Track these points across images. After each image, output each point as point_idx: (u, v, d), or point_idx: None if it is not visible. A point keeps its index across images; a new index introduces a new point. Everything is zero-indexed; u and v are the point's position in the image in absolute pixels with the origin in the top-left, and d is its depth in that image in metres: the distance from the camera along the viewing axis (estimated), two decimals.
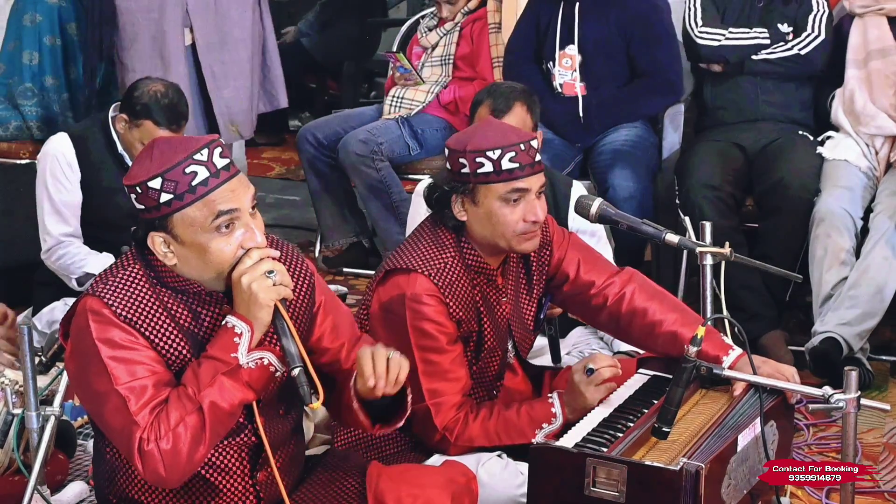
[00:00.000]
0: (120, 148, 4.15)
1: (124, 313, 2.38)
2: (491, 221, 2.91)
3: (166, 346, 2.42)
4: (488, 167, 2.87)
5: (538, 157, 2.92)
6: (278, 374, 2.44)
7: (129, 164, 4.11)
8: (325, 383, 2.44)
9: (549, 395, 2.99)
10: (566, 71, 4.76)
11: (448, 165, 2.94)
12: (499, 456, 2.98)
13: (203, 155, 2.36)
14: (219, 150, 2.38)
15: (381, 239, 5.21)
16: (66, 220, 4.16)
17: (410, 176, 5.11)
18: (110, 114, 4.17)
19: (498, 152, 2.86)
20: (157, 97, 3.97)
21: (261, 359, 2.40)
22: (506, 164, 2.86)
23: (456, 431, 2.94)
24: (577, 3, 4.71)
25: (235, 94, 5.12)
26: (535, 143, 2.91)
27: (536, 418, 2.94)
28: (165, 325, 2.42)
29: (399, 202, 4.97)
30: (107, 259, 4.12)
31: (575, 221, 3.70)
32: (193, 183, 2.35)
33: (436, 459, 2.94)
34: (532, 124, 3.72)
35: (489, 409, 2.98)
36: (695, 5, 4.74)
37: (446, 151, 2.95)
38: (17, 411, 3.02)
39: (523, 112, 3.69)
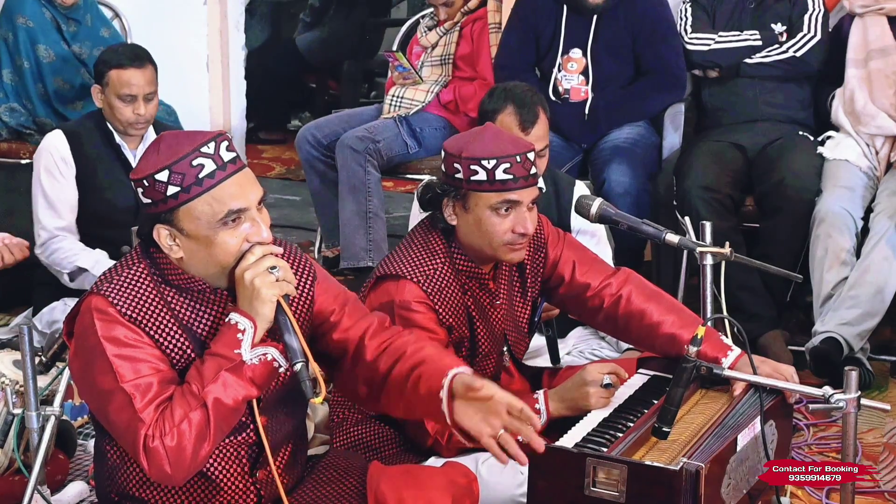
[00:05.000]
0: (117, 138, 4.17)
1: (129, 312, 2.39)
2: (479, 229, 2.91)
3: (170, 345, 2.42)
4: (481, 175, 2.85)
5: (533, 170, 2.90)
6: (282, 369, 2.44)
7: (127, 152, 4.18)
8: (329, 366, 2.48)
9: (535, 392, 2.99)
10: (571, 75, 4.75)
11: (443, 167, 2.94)
12: None
13: (210, 148, 2.37)
14: (225, 143, 2.40)
15: (343, 249, 4.98)
16: (60, 215, 4.17)
17: (410, 176, 5.09)
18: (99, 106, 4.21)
19: (493, 162, 2.84)
20: (111, 49, 4.26)
21: (264, 355, 2.40)
22: (499, 175, 2.85)
23: (446, 434, 2.93)
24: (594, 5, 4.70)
25: None
26: (531, 156, 2.89)
27: None
28: (169, 324, 2.42)
29: (373, 215, 4.89)
30: (99, 255, 4.14)
31: (577, 221, 3.70)
32: (200, 175, 2.35)
33: (434, 460, 2.94)
34: (548, 126, 3.66)
35: None
36: (685, 13, 4.74)
37: (443, 153, 2.94)
38: (17, 411, 3.02)
39: (545, 117, 3.59)
